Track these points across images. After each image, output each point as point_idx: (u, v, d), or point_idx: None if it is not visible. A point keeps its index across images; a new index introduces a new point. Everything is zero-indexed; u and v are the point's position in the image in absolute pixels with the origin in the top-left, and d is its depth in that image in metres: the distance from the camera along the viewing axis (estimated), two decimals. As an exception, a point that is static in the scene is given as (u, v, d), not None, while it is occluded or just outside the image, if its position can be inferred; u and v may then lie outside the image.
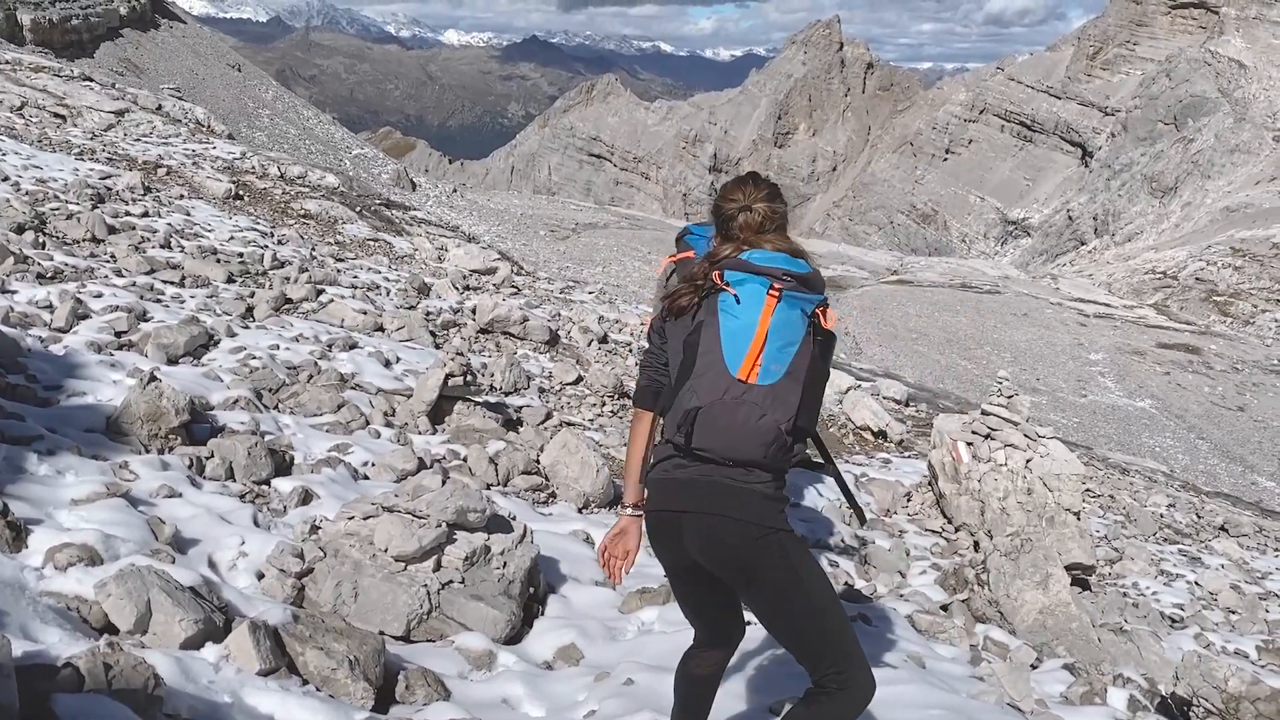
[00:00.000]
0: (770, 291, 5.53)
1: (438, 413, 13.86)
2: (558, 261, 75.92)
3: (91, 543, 6.55)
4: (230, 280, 18.01)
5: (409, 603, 7.49)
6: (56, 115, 35.28)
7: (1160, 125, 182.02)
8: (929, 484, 17.07)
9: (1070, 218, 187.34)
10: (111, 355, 12.02)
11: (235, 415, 11.10)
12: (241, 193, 29.57)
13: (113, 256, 17.17)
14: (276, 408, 12.41)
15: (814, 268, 5.70)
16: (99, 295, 14.24)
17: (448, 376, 13.73)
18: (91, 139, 31.92)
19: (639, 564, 10.88)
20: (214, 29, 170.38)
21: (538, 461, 13.04)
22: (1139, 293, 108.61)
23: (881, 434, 21.16)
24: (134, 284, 15.58)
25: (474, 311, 21.02)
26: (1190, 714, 10.04)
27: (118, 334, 12.91)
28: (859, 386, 23.55)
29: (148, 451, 9.34)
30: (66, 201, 20.01)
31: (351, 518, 7.94)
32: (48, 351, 11.50)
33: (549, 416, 15.54)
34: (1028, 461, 15.95)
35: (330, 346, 15.41)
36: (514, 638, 7.92)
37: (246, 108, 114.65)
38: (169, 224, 20.96)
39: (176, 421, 9.73)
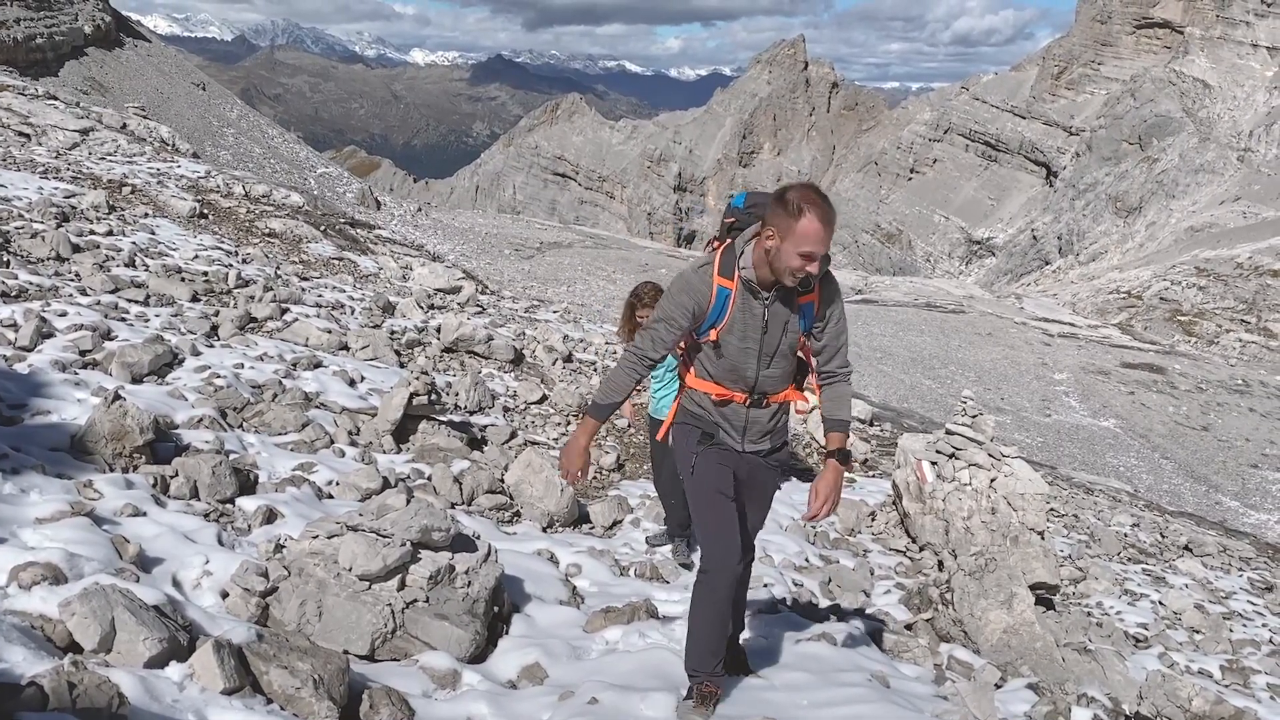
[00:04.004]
0: None
1: (402, 432, 13.88)
2: (522, 280, 75.87)
3: (56, 561, 6.54)
4: (195, 299, 17.98)
5: (373, 621, 7.49)
6: (21, 134, 35.19)
7: (1125, 145, 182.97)
8: (893, 503, 17.11)
9: (1035, 237, 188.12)
10: (76, 374, 12.00)
11: (200, 434, 11.10)
12: (206, 211, 29.50)
13: (77, 275, 17.12)
14: (241, 426, 12.41)
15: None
16: (63, 314, 14.21)
17: (412, 395, 13.74)
18: (56, 158, 31.84)
19: (604, 583, 10.88)
20: (179, 48, 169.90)
21: (502, 481, 13.09)
22: (1103, 312, 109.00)
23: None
24: (98, 303, 15.55)
25: (439, 330, 21.02)
26: (1153, 733, 10.08)
27: (82, 353, 12.89)
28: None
29: (112, 470, 9.34)
30: (31, 220, 19.95)
31: (316, 536, 7.94)
32: (12, 370, 11.47)
33: (513, 436, 15.58)
34: (992, 481, 15.99)
35: (295, 365, 15.41)
36: (478, 657, 7.92)
37: (211, 126, 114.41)
38: (133, 243, 20.91)
39: (141, 440, 9.73)
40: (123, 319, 15.23)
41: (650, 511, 13.77)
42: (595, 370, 22.54)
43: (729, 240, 7.11)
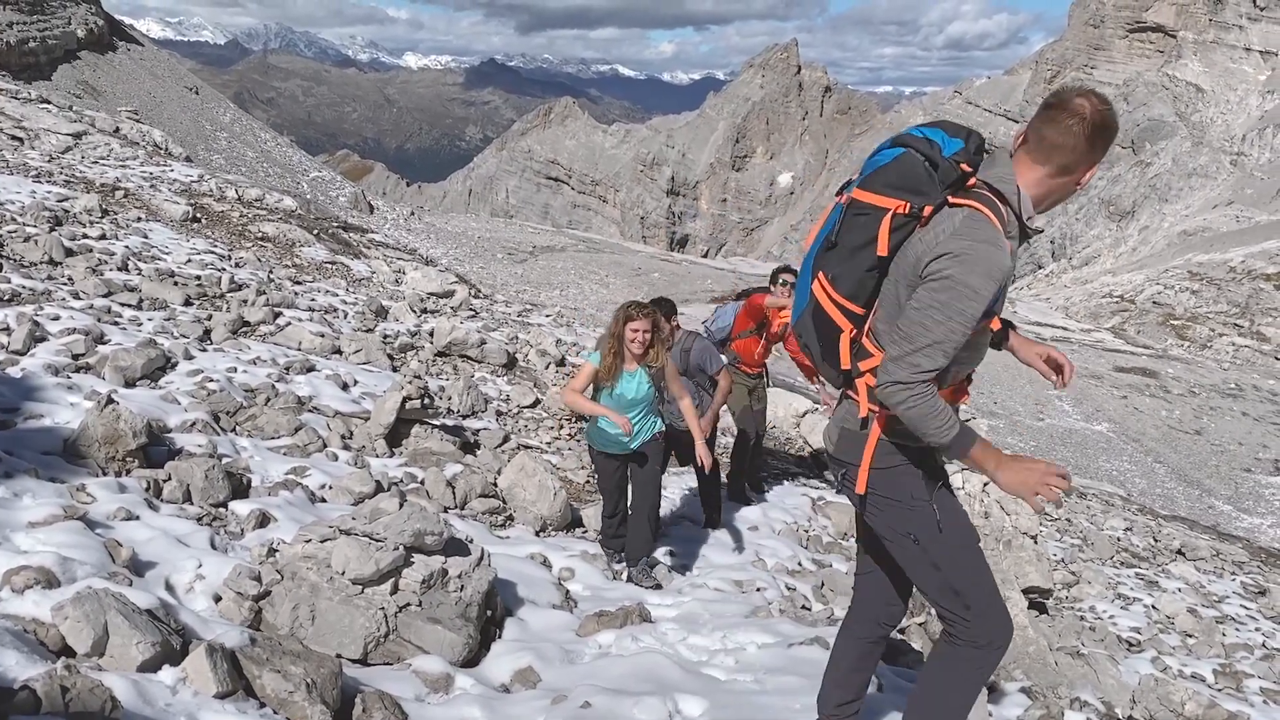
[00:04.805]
0: None
1: (395, 435, 13.85)
2: (515, 284, 75.87)
3: (49, 565, 6.54)
4: (188, 303, 17.96)
5: (366, 625, 7.48)
6: (13, 138, 35.13)
7: (1118, 149, 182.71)
8: (887, 507, 17.09)
9: (1028, 241, 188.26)
10: (69, 378, 11.97)
11: (193, 438, 11.08)
12: (199, 215, 29.47)
13: (70, 279, 17.10)
14: (234, 430, 12.39)
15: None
16: (56, 318, 14.19)
17: (405, 399, 13.72)
18: (49, 161, 31.81)
19: (597, 587, 10.85)
20: (172, 52, 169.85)
21: (495, 484, 13.06)
22: (1096, 316, 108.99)
23: (839, 457, 21.19)
24: (91, 306, 15.53)
25: (431, 334, 21.00)
26: (1146, 737, 10.09)
27: (75, 356, 12.86)
28: (816, 410, 23.56)
29: (105, 474, 9.33)
30: (24, 224, 19.92)
31: (309, 540, 7.93)
32: (5, 374, 11.45)
33: (506, 439, 15.55)
34: (985, 485, 15.99)
35: (288, 369, 15.39)
36: (471, 660, 7.92)
37: (204, 130, 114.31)
38: (126, 247, 20.89)
39: (134, 444, 9.72)
40: (116, 323, 15.20)
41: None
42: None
43: (971, 184, 5.40)
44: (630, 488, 11.61)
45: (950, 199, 5.32)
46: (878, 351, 5.50)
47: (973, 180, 5.40)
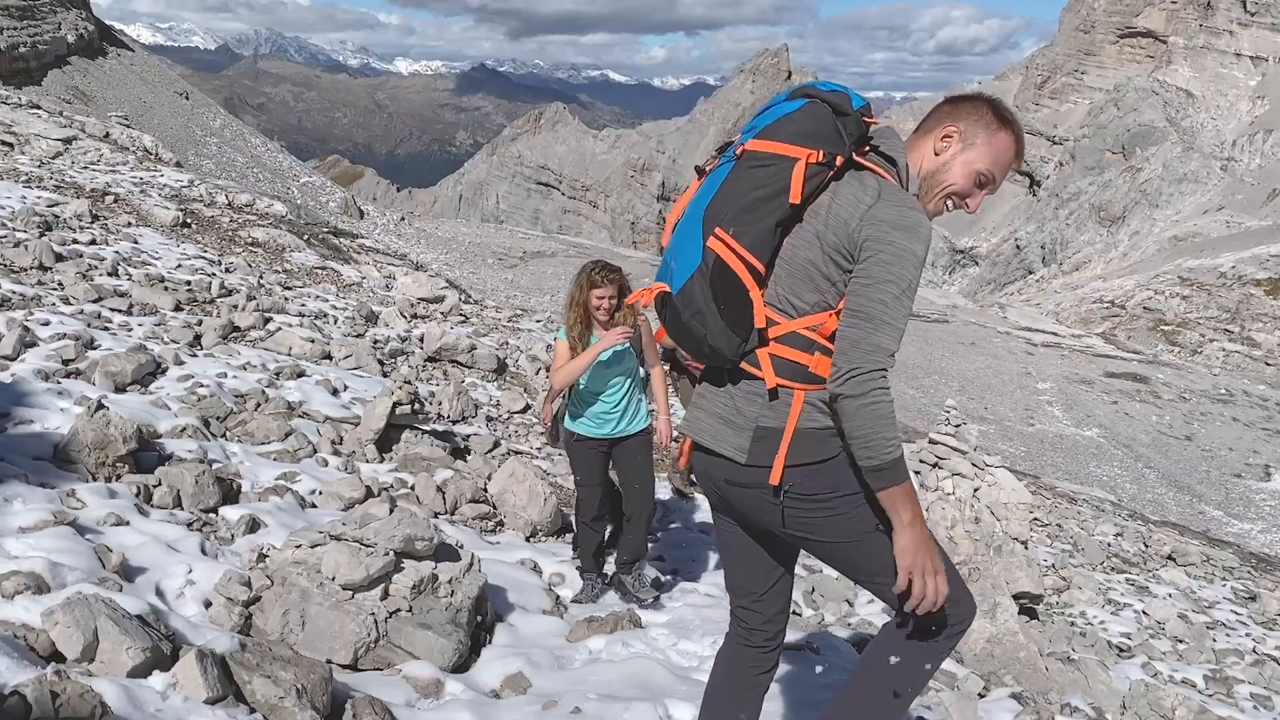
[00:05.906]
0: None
1: (385, 441, 13.83)
2: (505, 290, 75.84)
3: (39, 570, 6.51)
4: (178, 308, 17.93)
5: (356, 631, 7.46)
6: (3, 143, 35.06)
7: (1108, 154, 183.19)
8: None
9: (1018, 246, 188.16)
10: (59, 383, 11.94)
11: (183, 443, 11.04)
12: (189, 221, 29.42)
13: (60, 284, 17.06)
14: (224, 436, 12.35)
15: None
16: (46, 323, 14.16)
17: (395, 405, 13.70)
18: (39, 167, 31.73)
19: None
20: (162, 57, 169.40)
21: (485, 490, 13.04)
22: (1087, 322, 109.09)
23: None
24: (81, 312, 15.50)
25: (422, 340, 21.01)
26: (1137, 742, 10.09)
27: (65, 362, 12.83)
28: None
29: (95, 479, 9.30)
30: (14, 229, 19.89)
31: (299, 546, 7.91)
32: (-6, 379, 11.44)
33: (496, 445, 15.52)
34: (975, 490, 15.97)
35: (278, 375, 15.35)
36: (461, 666, 7.89)
37: (194, 135, 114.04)
38: (117, 252, 20.85)
39: (124, 449, 9.69)
40: (106, 328, 15.18)
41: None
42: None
43: (865, 149, 4.88)
44: (622, 488, 11.10)
45: (856, 157, 4.76)
46: (781, 319, 4.78)
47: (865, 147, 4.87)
